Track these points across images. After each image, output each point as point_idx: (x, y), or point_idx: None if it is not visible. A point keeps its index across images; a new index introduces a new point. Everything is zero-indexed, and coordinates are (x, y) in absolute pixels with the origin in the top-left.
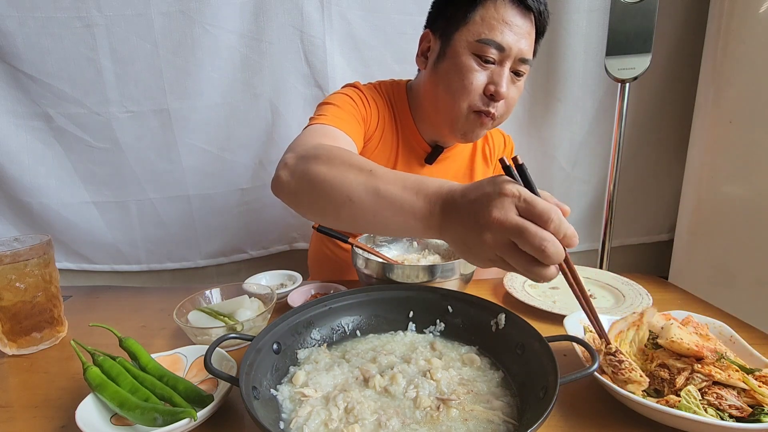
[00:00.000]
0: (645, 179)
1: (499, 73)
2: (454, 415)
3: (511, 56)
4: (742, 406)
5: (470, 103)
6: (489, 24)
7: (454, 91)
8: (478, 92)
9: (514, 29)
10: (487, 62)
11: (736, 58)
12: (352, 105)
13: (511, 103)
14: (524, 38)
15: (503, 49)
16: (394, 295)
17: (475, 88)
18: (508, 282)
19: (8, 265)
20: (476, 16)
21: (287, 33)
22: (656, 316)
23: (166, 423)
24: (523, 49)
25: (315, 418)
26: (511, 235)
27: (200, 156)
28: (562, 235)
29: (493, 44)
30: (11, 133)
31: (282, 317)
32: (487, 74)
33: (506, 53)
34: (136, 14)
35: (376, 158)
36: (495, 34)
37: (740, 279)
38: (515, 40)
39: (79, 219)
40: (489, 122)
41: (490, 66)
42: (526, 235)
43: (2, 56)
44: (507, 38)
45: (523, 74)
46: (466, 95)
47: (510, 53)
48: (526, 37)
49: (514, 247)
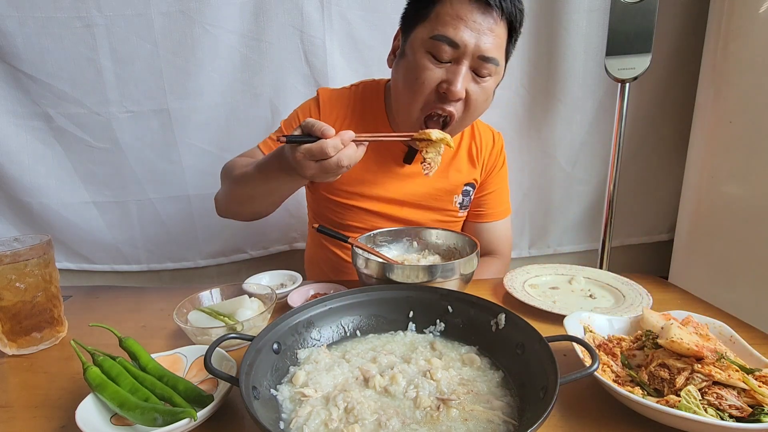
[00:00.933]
0: (645, 179)
1: (453, 71)
2: (454, 415)
3: (467, 53)
4: (742, 406)
5: (424, 102)
6: (443, 20)
7: (408, 89)
8: (430, 91)
9: (470, 25)
10: (442, 60)
11: (736, 58)
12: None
13: (475, 105)
14: (484, 35)
15: (457, 45)
16: (394, 295)
17: (428, 87)
18: (508, 282)
19: (8, 265)
20: (433, 12)
21: (287, 33)
22: (655, 317)
23: (166, 423)
24: (482, 47)
25: (315, 418)
26: (322, 173)
27: (200, 156)
28: (341, 145)
29: (446, 40)
30: (11, 133)
31: (282, 317)
32: (441, 72)
33: (461, 50)
34: (136, 14)
35: None
36: (448, 30)
37: (740, 279)
38: (472, 36)
39: (79, 219)
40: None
41: (446, 64)
42: (327, 168)
43: (2, 56)
44: (462, 34)
45: (488, 74)
46: (419, 94)
47: (466, 50)
48: (487, 34)
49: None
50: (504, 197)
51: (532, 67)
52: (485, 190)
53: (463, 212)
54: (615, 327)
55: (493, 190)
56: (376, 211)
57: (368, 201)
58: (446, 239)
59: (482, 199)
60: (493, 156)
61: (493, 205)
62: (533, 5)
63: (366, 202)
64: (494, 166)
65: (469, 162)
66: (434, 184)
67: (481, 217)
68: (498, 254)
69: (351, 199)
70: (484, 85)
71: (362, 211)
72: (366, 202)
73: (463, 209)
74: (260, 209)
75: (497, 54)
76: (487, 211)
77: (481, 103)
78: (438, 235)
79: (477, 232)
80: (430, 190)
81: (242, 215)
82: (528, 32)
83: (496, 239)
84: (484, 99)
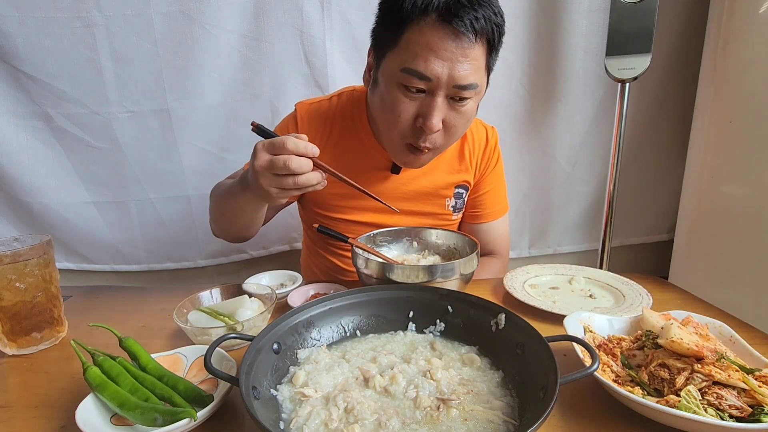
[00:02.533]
0: (645, 179)
1: (428, 105)
2: (454, 415)
3: (440, 85)
4: (742, 406)
5: (402, 134)
6: (413, 51)
7: (385, 120)
8: (407, 125)
9: (442, 55)
10: (414, 92)
11: (736, 58)
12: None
13: (455, 130)
14: (458, 63)
15: (429, 79)
16: (394, 295)
17: (403, 121)
18: (508, 282)
19: (8, 265)
20: (402, 40)
21: (287, 33)
22: (655, 317)
23: (166, 423)
24: (456, 76)
25: (315, 418)
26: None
27: (200, 156)
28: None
29: (417, 75)
30: (11, 133)
31: (282, 317)
32: (416, 105)
33: (434, 83)
34: (136, 14)
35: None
36: (418, 63)
37: (740, 279)
38: (444, 66)
39: (79, 219)
40: (429, 154)
41: (420, 96)
42: (275, 162)
43: (2, 56)
44: (433, 67)
45: (466, 99)
46: (396, 127)
47: (439, 83)
48: (461, 62)
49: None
50: (500, 195)
51: (532, 67)
52: (480, 190)
53: (457, 215)
54: (615, 327)
55: (489, 189)
56: (367, 221)
57: (358, 213)
58: (446, 239)
59: (478, 200)
60: (487, 154)
61: (490, 204)
62: (533, 5)
63: (356, 213)
64: (488, 165)
65: (460, 164)
66: (424, 190)
67: (478, 218)
68: (497, 254)
69: (341, 212)
70: (464, 109)
71: (352, 224)
72: (356, 214)
73: (457, 212)
74: (235, 231)
75: (475, 78)
76: (483, 212)
77: (462, 126)
78: (438, 235)
79: (474, 233)
80: (420, 195)
81: (225, 235)
82: (528, 32)
83: (494, 239)
84: (465, 121)
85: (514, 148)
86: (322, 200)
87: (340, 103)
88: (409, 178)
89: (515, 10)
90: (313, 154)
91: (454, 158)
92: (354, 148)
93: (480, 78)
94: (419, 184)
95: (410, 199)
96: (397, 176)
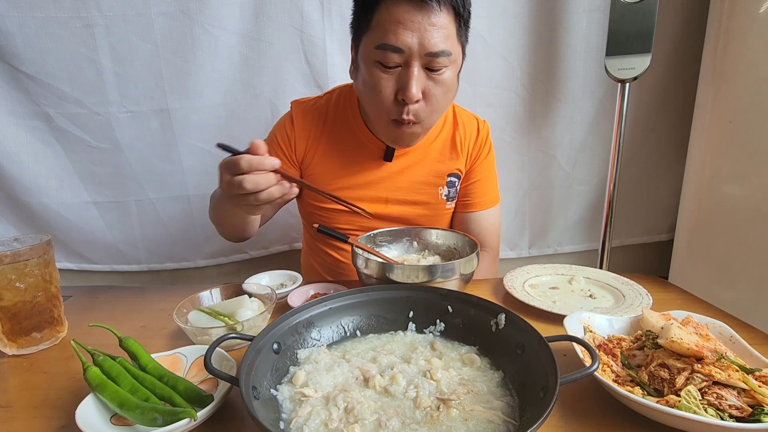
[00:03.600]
0: (645, 179)
1: (405, 76)
2: (454, 415)
3: (414, 55)
4: (742, 406)
5: (387, 111)
6: (384, 28)
7: (369, 101)
8: (389, 100)
9: (410, 26)
10: (391, 67)
11: (736, 58)
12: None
13: (437, 100)
14: (426, 32)
15: (401, 50)
16: (394, 295)
17: (385, 97)
18: (508, 282)
19: (8, 265)
20: (374, 21)
21: (287, 33)
22: (654, 317)
23: (166, 423)
24: (427, 44)
25: (315, 418)
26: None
27: (200, 156)
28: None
29: (390, 48)
30: (11, 133)
31: (282, 317)
32: (394, 79)
33: (407, 54)
34: (136, 14)
35: (322, 168)
36: (389, 38)
37: (740, 279)
38: (414, 37)
39: (79, 219)
40: (415, 127)
41: (397, 70)
42: (233, 183)
43: (2, 56)
44: (403, 38)
45: (442, 67)
46: (380, 105)
47: (411, 53)
48: (429, 30)
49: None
50: (491, 185)
51: (532, 67)
52: (472, 179)
53: (451, 204)
54: (615, 327)
55: (480, 178)
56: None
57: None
58: (446, 239)
59: (469, 188)
60: (478, 144)
61: (481, 193)
62: (533, 5)
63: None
64: (479, 154)
65: (452, 152)
66: (417, 178)
67: (468, 206)
68: (487, 247)
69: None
70: (442, 78)
71: (348, 213)
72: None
73: (450, 200)
74: (233, 234)
75: (446, 45)
76: (474, 200)
77: (442, 96)
78: (438, 235)
79: (465, 222)
80: (413, 184)
81: (226, 236)
82: (528, 32)
83: (484, 229)
84: (445, 91)
85: (514, 148)
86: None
87: (333, 99)
88: (403, 166)
89: (515, 10)
90: (271, 167)
91: (446, 146)
92: (347, 140)
93: (452, 46)
94: (412, 172)
95: (404, 188)
96: (390, 164)
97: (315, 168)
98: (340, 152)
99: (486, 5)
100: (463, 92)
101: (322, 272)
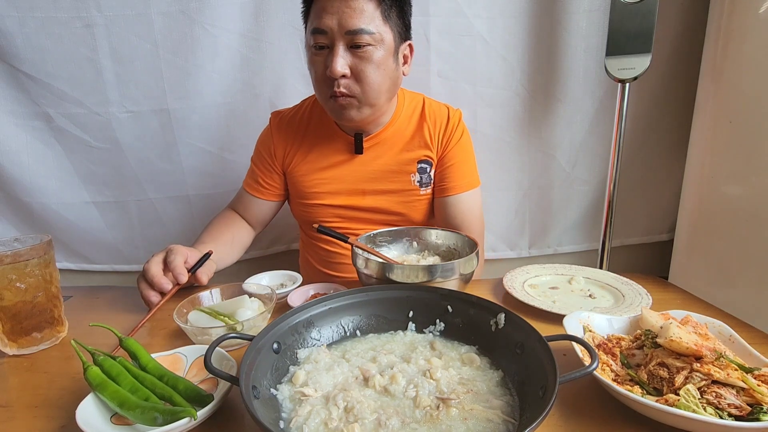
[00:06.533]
0: (645, 179)
1: (330, 53)
2: (454, 415)
3: (335, 35)
4: (741, 405)
5: (323, 89)
6: (314, 15)
7: (313, 85)
8: (322, 78)
9: (330, 9)
10: (321, 48)
11: (736, 58)
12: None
13: (366, 75)
14: (344, 13)
15: (324, 31)
16: (394, 295)
17: (319, 75)
18: (507, 282)
19: (8, 265)
20: (311, 12)
21: (287, 33)
22: (654, 316)
23: (166, 422)
24: (345, 24)
25: (315, 417)
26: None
27: (200, 156)
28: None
29: (316, 31)
30: (11, 133)
31: (282, 317)
32: (324, 59)
33: (330, 34)
34: (136, 14)
35: (303, 168)
36: (316, 22)
37: (740, 279)
38: (333, 18)
39: (79, 219)
40: (351, 101)
41: (325, 51)
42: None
43: (2, 56)
44: (324, 21)
45: (366, 44)
46: (318, 83)
47: (333, 33)
48: (346, 11)
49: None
50: (467, 169)
51: (532, 67)
52: (446, 163)
53: (425, 189)
54: (614, 327)
55: (454, 162)
56: (341, 204)
57: (331, 197)
58: (446, 239)
59: (444, 173)
60: (449, 131)
61: (456, 177)
62: (533, 5)
63: (329, 198)
64: (450, 139)
65: (420, 143)
66: (388, 168)
67: (445, 191)
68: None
69: (316, 198)
70: (368, 56)
71: (329, 208)
72: (329, 198)
73: (424, 186)
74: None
75: (366, 24)
76: (449, 184)
77: (373, 72)
78: (438, 235)
79: (444, 207)
80: (385, 174)
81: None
82: (528, 32)
83: (462, 213)
84: (374, 68)
85: (514, 148)
86: (299, 190)
87: (310, 104)
88: (372, 157)
89: (515, 10)
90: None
91: (414, 138)
92: (321, 139)
93: (372, 24)
94: (382, 162)
95: (376, 179)
96: (361, 157)
97: (296, 169)
98: (318, 152)
99: (486, 5)
100: (463, 92)
101: (317, 264)
